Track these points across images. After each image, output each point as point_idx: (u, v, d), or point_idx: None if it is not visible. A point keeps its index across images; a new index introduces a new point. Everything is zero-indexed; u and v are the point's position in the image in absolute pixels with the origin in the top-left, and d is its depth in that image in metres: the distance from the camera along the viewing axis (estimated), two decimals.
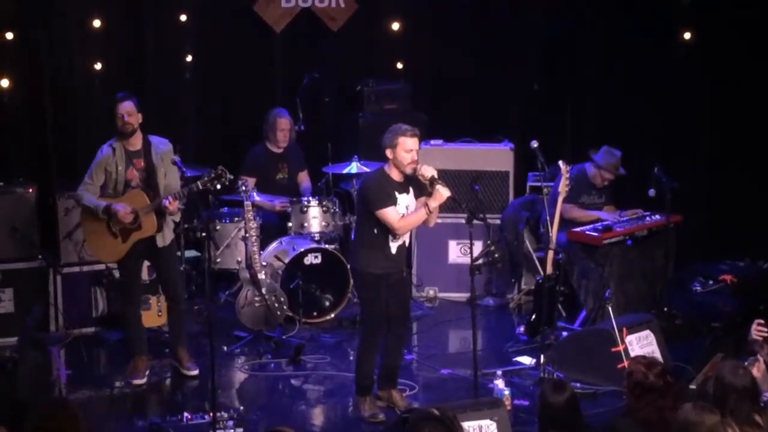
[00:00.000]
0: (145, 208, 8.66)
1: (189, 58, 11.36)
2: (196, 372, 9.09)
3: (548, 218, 9.36)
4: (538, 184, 10.37)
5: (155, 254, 8.92)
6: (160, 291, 9.71)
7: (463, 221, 8.10)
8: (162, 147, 8.84)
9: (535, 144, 9.39)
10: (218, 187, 8.76)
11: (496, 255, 10.81)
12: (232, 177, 8.89)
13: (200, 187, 8.65)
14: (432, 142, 11.07)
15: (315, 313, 10.31)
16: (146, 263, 9.38)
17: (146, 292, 9.77)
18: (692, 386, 7.69)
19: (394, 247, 8.08)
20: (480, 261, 10.37)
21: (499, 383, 8.34)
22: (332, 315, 10.39)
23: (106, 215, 8.67)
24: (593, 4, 11.77)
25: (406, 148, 7.92)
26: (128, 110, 8.69)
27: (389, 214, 7.93)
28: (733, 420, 5.95)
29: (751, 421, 5.99)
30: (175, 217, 8.95)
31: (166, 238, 8.87)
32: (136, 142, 8.76)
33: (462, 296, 10.80)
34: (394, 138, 7.95)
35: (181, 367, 9.13)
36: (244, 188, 9.55)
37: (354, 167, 10.57)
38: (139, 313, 9.17)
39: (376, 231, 8.02)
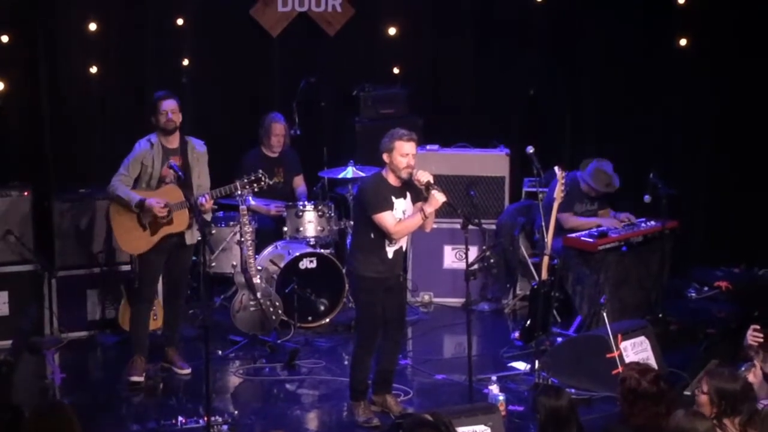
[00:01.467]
0: (179, 204, 8.76)
1: (186, 62, 11.36)
2: (188, 371, 9.16)
3: (543, 224, 9.36)
4: (534, 189, 10.38)
5: (178, 250, 9.01)
6: (157, 294, 9.68)
7: (459, 226, 8.10)
8: (199, 148, 9.04)
9: (530, 149, 9.40)
10: (255, 190, 9.05)
11: (492, 260, 10.81)
12: (271, 182, 9.17)
13: (238, 189, 8.92)
14: (428, 147, 11.07)
15: (310, 318, 10.31)
16: None
17: None
18: (687, 392, 7.71)
19: (390, 251, 8.08)
20: (475, 266, 10.37)
21: (494, 389, 8.34)
22: (327, 319, 10.38)
23: (138, 209, 8.77)
24: (591, 10, 11.77)
25: (403, 152, 7.93)
26: (172, 108, 8.89)
27: (386, 219, 7.93)
28: (739, 420, 5.98)
29: (755, 421, 6.01)
30: (207, 216, 9.04)
31: (194, 236, 9.00)
32: (174, 140, 8.93)
33: (457, 301, 10.80)
34: (390, 142, 7.97)
35: (174, 366, 9.19)
36: (239, 192, 9.55)
37: (350, 172, 10.56)
38: (148, 313, 9.21)
39: (373, 235, 8.03)
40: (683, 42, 11.70)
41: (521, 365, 9.30)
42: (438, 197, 7.88)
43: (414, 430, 5.53)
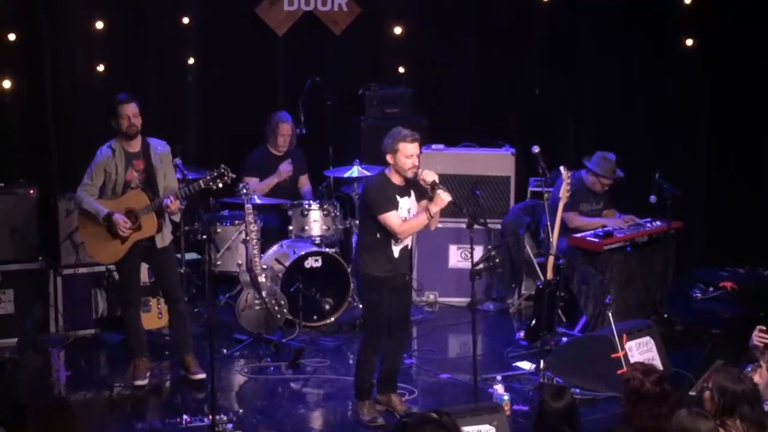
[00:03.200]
0: (145, 209, 8.64)
1: (191, 61, 11.35)
2: (203, 376, 8.91)
3: (549, 224, 9.36)
4: (539, 189, 10.39)
5: (154, 255, 8.89)
6: (160, 293, 9.69)
7: (464, 226, 8.09)
8: (161, 148, 8.84)
9: (536, 149, 9.38)
10: (220, 185, 8.78)
11: (497, 260, 10.79)
12: (234, 176, 8.88)
13: (202, 186, 8.66)
14: (433, 146, 11.08)
15: (315, 317, 10.31)
16: (144, 265, 9.35)
17: (146, 294, 9.75)
18: (692, 393, 7.71)
19: (396, 250, 8.08)
20: (480, 266, 10.27)
21: (499, 388, 8.33)
22: (332, 318, 10.38)
23: (106, 222, 8.63)
24: (595, 11, 11.77)
25: (407, 153, 7.92)
26: (134, 111, 8.70)
27: (391, 219, 7.93)
28: (742, 425, 5.97)
29: (759, 425, 6.01)
30: (176, 217, 8.94)
31: (165, 238, 8.85)
32: (136, 144, 8.75)
33: (462, 301, 10.80)
34: (394, 143, 7.95)
35: (188, 373, 8.98)
36: (245, 191, 9.55)
37: (355, 171, 10.56)
38: (138, 315, 9.11)
39: (378, 235, 8.03)
40: (689, 42, 11.69)
41: (526, 365, 9.30)
42: (443, 197, 7.87)
43: (419, 427, 5.53)
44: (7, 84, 10.55)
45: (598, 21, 11.81)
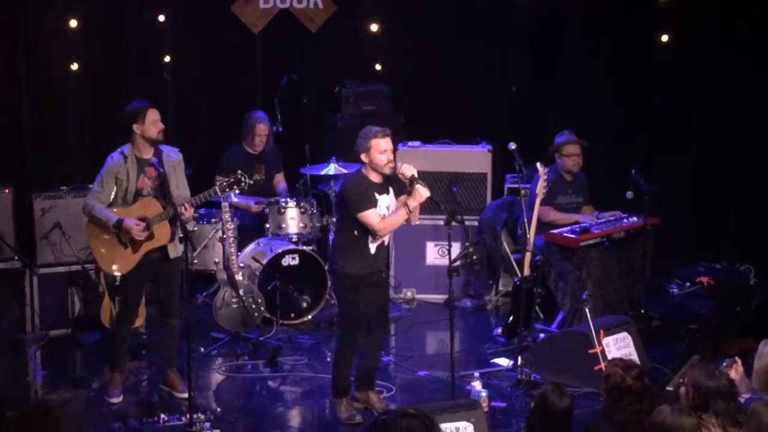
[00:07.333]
0: (158, 216, 8.33)
1: (167, 59, 11.32)
2: (186, 394, 8.61)
3: (526, 220, 9.38)
4: (516, 185, 10.39)
5: (163, 266, 8.55)
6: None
7: (442, 223, 8.10)
8: (173, 156, 8.53)
9: (512, 146, 9.41)
10: (237, 191, 8.65)
11: (474, 257, 10.82)
12: (252, 182, 8.73)
13: (218, 193, 8.48)
14: (410, 143, 11.08)
15: (292, 315, 10.30)
16: None
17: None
18: (669, 388, 7.73)
19: (373, 247, 8.07)
20: (458, 263, 10.36)
21: (477, 385, 8.35)
22: (310, 316, 10.38)
23: (116, 230, 8.29)
24: (575, 7, 11.77)
25: (380, 149, 7.92)
26: (159, 117, 8.40)
27: (370, 217, 7.92)
28: (717, 421, 5.99)
29: (733, 420, 6.02)
30: (189, 225, 8.62)
31: (177, 248, 8.50)
32: (149, 151, 8.40)
33: (440, 298, 10.80)
34: (366, 142, 7.95)
35: (173, 390, 8.74)
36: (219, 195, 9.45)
37: (332, 168, 10.55)
38: (130, 331, 8.78)
39: (356, 233, 8.02)
40: (665, 38, 11.71)
41: (504, 361, 9.32)
42: (422, 192, 7.87)
43: (397, 420, 5.52)
44: None
45: (578, 17, 11.81)
